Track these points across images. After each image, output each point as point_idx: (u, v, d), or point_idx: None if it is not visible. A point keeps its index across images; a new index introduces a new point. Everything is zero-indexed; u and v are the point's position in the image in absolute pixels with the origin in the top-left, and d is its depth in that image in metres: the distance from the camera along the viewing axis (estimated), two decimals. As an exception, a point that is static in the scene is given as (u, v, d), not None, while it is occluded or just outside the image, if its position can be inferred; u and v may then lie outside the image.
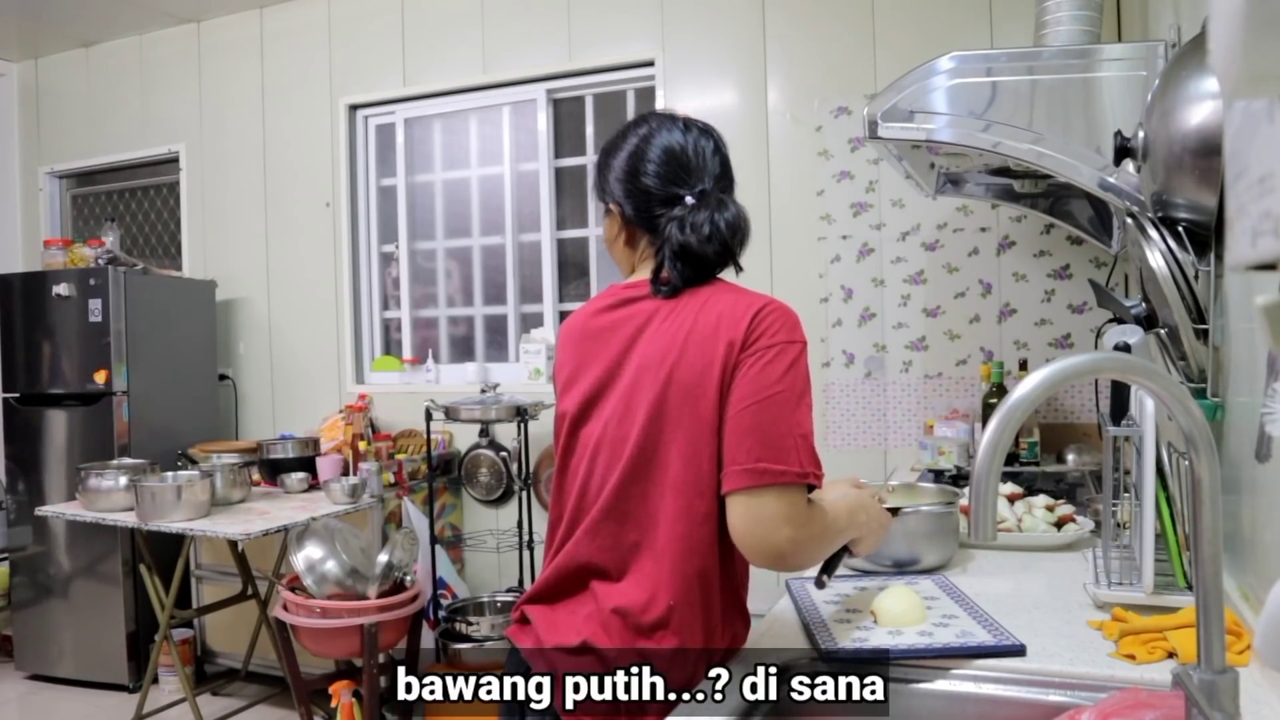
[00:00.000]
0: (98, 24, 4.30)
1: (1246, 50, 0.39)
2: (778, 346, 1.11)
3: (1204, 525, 0.78)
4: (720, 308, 1.14)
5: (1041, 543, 1.69)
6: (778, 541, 1.07)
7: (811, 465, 1.09)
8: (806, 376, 1.13)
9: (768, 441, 1.07)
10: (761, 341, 1.11)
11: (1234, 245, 0.49)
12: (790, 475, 1.07)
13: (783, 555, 1.08)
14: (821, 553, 1.18)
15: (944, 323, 3.09)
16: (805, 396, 1.12)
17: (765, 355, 1.10)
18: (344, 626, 2.77)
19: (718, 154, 1.23)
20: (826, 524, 1.14)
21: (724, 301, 1.15)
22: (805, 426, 1.10)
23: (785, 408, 1.09)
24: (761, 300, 1.15)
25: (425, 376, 3.87)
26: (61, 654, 3.77)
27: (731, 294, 1.17)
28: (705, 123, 1.26)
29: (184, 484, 2.97)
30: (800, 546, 1.09)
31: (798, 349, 1.13)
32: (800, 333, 1.14)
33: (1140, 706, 0.84)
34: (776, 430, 1.08)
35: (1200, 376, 1.40)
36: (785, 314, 1.14)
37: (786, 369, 1.10)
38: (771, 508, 1.07)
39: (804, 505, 1.09)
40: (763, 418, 1.08)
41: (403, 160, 3.98)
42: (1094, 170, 1.65)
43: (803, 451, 1.09)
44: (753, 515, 1.07)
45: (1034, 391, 0.77)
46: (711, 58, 3.35)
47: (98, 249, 3.88)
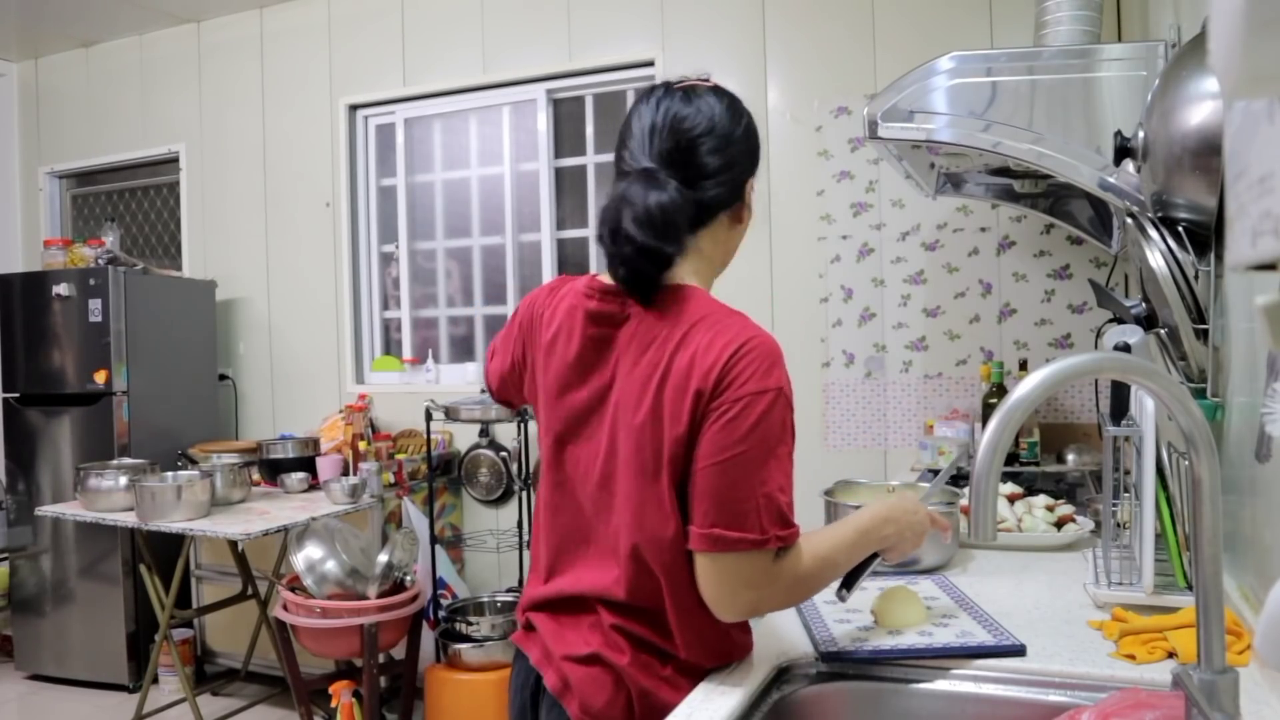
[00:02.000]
0: (98, 24, 4.30)
1: (1246, 50, 0.39)
2: (744, 400, 1.01)
3: (1204, 525, 0.78)
4: (695, 346, 1.04)
5: (1041, 543, 1.69)
6: (739, 604, 1.04)
7: (775, 527, 1.02)
8: (781, 425, 1.03)
9: (724, 505, 1.01)
10: (729, 394, 1.02)
11: (1234, 245, 0.49)
12: (745, 543, 1.01)
13: (746, 614, 1.07)
14: (802, 597, 1.11)
15: (944, 323, 3.09)
16: (778, 448, 1.03)
17: (730, 410, 1.02)
18: (344, 626, 2.77)
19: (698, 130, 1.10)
20: (800, 573, 1.07)
21: (701, 339, 1.05)
22: (772, 484, 1.02)
23: (747, 468, 1.01)
24: (740, 339, 1.04)
25: (425, 376, 3.87)
26: (61, 654, 3.77)
27: (710, 329, 1.05)
28: (722, 99, 1.14)
29: (184, 484, 2.97)
30: (765, 603, 1.07)
31: (769, 399, 1.02)
32: (776, 376, 1.03)
33: (1140, 706, 0.84)
34: (735, 494, 1.01)
35: (1200, 376, 1.40)
36: (760, 357, 1.03)
37: (754, 425, 1.01)
38: (729, 572, 1.02)
39: (766, 566, 1.03)
40: (721, 481, 1.02)
41: (403, 160, 3.98)
42: (1094, 170, 1.65)
43: (765, 513, 1.01)
44: (712, 578, 1.03)
45: (1034, 391, 0.77)
46: (711, 58, 3.35)
47: (98, 249, 3.88)
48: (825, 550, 1.11)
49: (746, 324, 1.07)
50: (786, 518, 1.03)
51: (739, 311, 1.11)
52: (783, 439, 1.04)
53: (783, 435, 1.04)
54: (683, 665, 1.10)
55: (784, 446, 1.04)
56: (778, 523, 1.02)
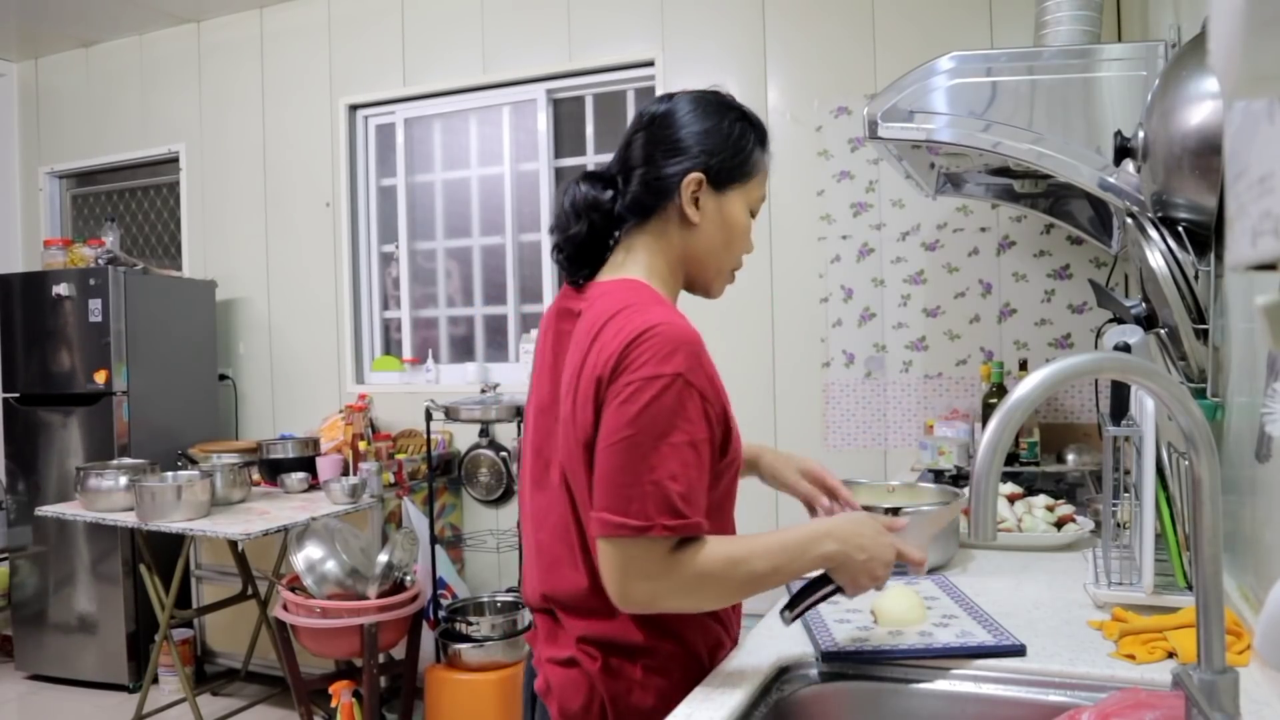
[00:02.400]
0: (98, 24, 4.30)
1: (1246, 50, 0.39)
2: (636, 383, 1.00)
3: (1204, 525, 0.78)
4: (608, 334, 1.05)
5: (1041, 543, 1.69)
6: (632, 594, 1.02)
7: (662, 515, 0.98)
8: (673, 412, 1.00)
9: (612, 490, 1.00)
10: (623, 379, 1.01)
11: (1234, 245, 0.49)
12: (628, 529, 0.98)
13: (643, 606, 1.04)
14: (712, 598, 1.07)
15: (944, 323, 3.09)
16: (672, 434, 1.00)
17: (623, 394, 1.01)
18: (344, 626, 2.77)
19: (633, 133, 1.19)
20: (702, 571, 1.02)
21: (611, 328, 1.05)
22: (662, 471, 0.99)
23: (635, 453, 0.99)
24: (644, 326, 1.03)
25: (425, 376, 3.87)
26: (61, 654, 3.77)
27: (621, 318, 1.06)
28: (683, 98, 1.19)
29: (184, 484, 2.97)
30: (662, 598, 1.02)
31: (662, 383, 1.00)
32: (675, 362, 1.01)
33: (1140, 706, 0.84)
34: (622, 479, 1.00)
35: (1200, 376, 1.40)
36: (660, 343, 1.02)
37: (643, 408, 0.99)
38: (621, 559, 1.00)
39: (660, 558, 1.00)
40: (610, 464, 1.01)
41: (403, 160, 3.98)
42: (1094, 170, 1.65)
43: (651, 500, 0.98)
44: (605, 565, 1.02)
45: (1034, 391, 0.77)
46: (711, 58, 3.35)
47: (98, 249, 3.88)
48: (740, 553, 1.05)
49: (660, 314, 1.05)
50: (676, 507, 0.99)
51: (666, 304, 1.12)
52: (678, 425, 1.01)
53: (677, 422, 1.00)
54: (654, 664, 1.10)
55: (680, 434, 1.01)
56: (665, 511, 0.99)
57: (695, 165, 1.14)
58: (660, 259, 1.18)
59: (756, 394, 3.27)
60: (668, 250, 1.18)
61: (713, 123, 1.16)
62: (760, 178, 1.21)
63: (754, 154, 1.18)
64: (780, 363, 3.28)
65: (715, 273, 1.21)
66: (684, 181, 1.14)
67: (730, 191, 1.17)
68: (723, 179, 1.16)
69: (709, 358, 1.07)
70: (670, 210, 1.16)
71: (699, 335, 1.06)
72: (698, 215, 1.15)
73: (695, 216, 1.15)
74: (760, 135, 1.21)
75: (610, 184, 1.18)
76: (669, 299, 1.18)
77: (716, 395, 1.06)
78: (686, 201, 1.15)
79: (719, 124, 1.16)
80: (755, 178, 1.20)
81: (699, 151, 1.15)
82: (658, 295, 1.14)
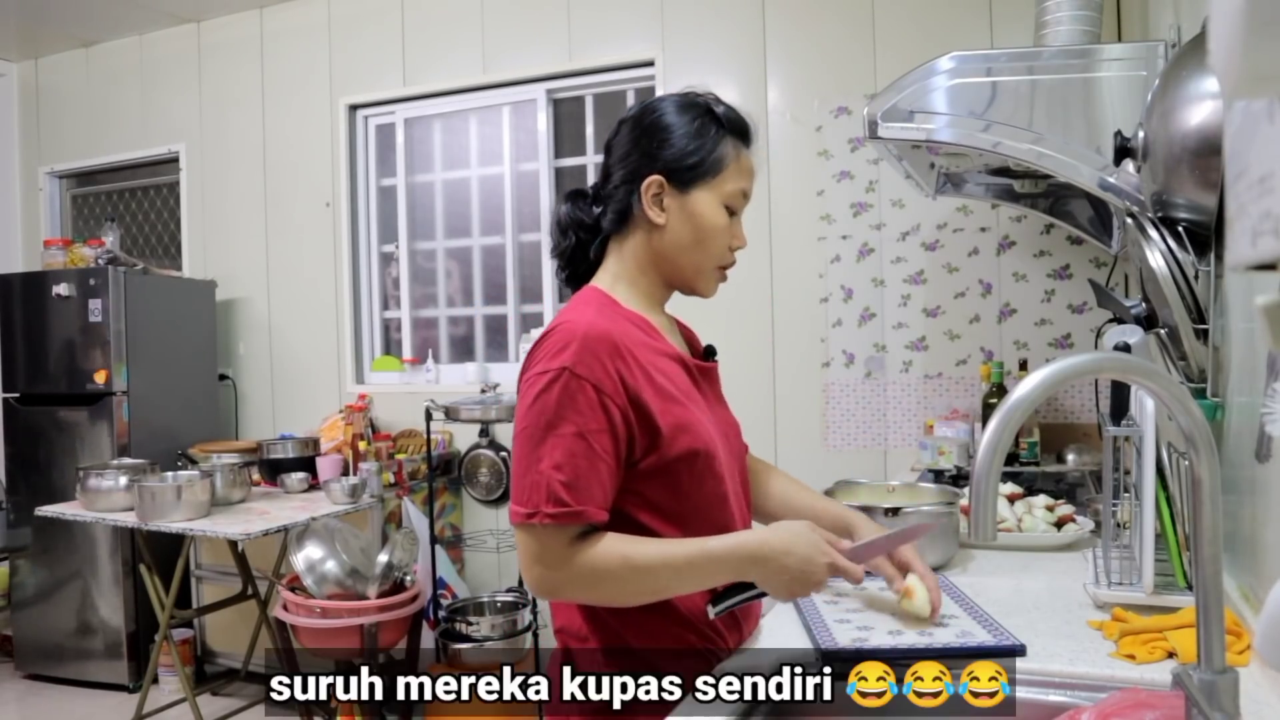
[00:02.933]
0: (98, 24, 4.30)
1: (1246, 50, 0.39)
2: (530, 379, 1.08)
3: (1204, 525, 0.78)
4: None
5: (1041, 543, 1.69)
6: (532, 579, 1.07)
7: (545, 504, 1.03)
8: (560, 403, 1.04)
9: (515, 481, 1.07)
10: (524, 375, 1.10)
11: (1234, 245, 0.49)
12: (519, 516, 1.05)
13: (545, 592, 1.09)
14: (608, 594, 1.09)
15: (944, 323, 3.09)
16: (559, 425, 1.04)
17: (522, 390, 1.09)
18: (344, 626, 2.77)
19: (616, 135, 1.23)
20: (598, 567, 1.04)
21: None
22: (547, 461, 1.04)
23: (527, 445, 1.06)
24: (551, 326, 1.11)
25: (425, 376, 3.87)
26: (61, 654, 3.77)
27: (551, 322, 1.14)
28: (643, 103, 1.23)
29: (184, 484, 2.98)
30: (562, 587, 1.08)
31: (548, 377, 1.05)
32: (564, 357, 1.05)
33: (1140, 706, 0.84)
34: (519, 469, 1.06)
35: (1200, 376, 1.40)
36: (550, 343, 1.08)
37: (532, 402, 1.06)
38: (523, 545, 1.07)
39: (556, 548, 1.05)
40: (515, 457, 1.08)
41: (403, 160, 3.98)
42: (1094, 170, 1.65)
43: (537, 489, 1.03)
44: (519, 551, 1.09)
45: (1034, 391, 0.77)
46: (711, 58, 3.35)
47: (98, 249, 3.88)
48: (639, 557, 1.06)
49: (570, 315, 1.11)
50: (559, 497, 1.03)
51: (589, 303, 1.15)
52: (565, 417, 1.04)
53: (564, 413, 1.04)
54: (611, 650, 1.12)
55: (568, 425, 1.04)
56: (548, 500, 1.03)
57: (656, 167, 1.16)
58: (630, 264, 1.21)
59: (756, 394, 3.27)
60: (638, 254, 1.20)
61: (673, 122, 1.17)
62: (732, 172, 1.18)
63: (717, 149, 1.17)
64: (780, 363, 3.28)
65: (694, 272, 1.21)
66: (643, 185, 1.16)
67: (696, 190, 1.17)
68: (685, 179, 1.16)
69: (621, 349, 1.08)
70: (640, 215, 1.18)
71: (603, 329, 1.09)
72: (661, 216, 1.17)
73: (659, 218, 1.17)
74: (734, 129, 1.20)
75: (596, 199, 1.23)
76: (643, 303, 1.21)
77: (617, 389, 1.07)
78: (648, 205, 1.17)
79: (678, 123, 1.17)
80: (724, 173, 1.18)
81: (658, 153, 1.16)
82: (597, 298, 1.17)
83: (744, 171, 1.20)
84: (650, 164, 1.17)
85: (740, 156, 1.20)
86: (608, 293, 1.19)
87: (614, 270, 1.21)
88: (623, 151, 1.20)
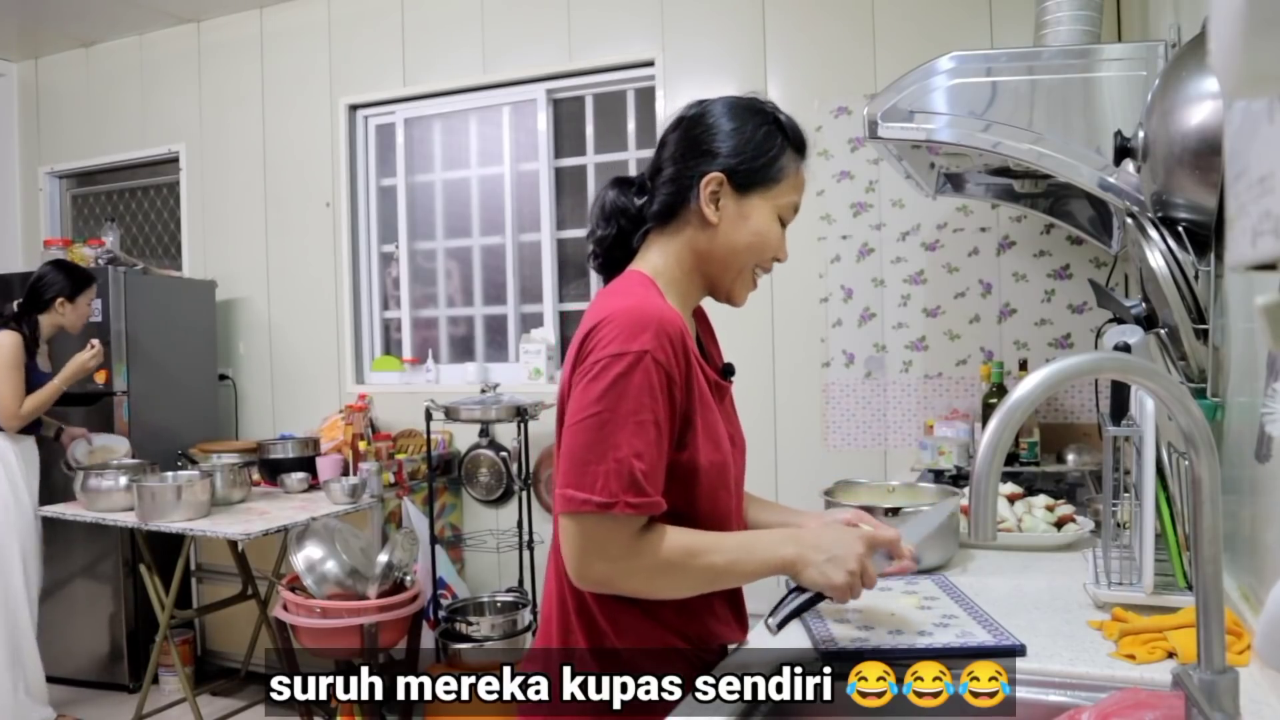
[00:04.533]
0: (98, 24, 4.30)
1: (1246, 50, 0.39)
2: (603, 361, 1.02)
3: (1204, 525, 0.78)
4: (584, 325, 1.09)
5: (1041, 543, 1.69)
6: (591, 573, 1.04)
7: (626, 493, 0.99)
8: (640, 388, 1.01)
9: (577, 466, 1.01)
10: (590, 358, 1.04)
11: (1234, 245, 0.49)
12: (591, 505, 1.00)
13: (599, 585, 1.06)
14: (666, 586, 1.08)
15: (944, 323, 3.09)
16: (640, 413, 1.01)
17: (590, 372, 1.03)
18: (344, 626, 2.77)
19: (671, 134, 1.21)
20: (661, 559, 1.04)
21: (589, 317, 1.09)
22: (626, 449, 1.00)
23: (601, 430, 1.00)
24: (609, 309, 1.06)
25: (425, 376, 3.87)
26: (61, 654, 3.77)
27: (601, 301, 1.11)
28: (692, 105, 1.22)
29: (184, 484, 2.97)
30: (620, 580, 1.05)
31: (628, 361, 1.01)
32: (641, 340, 1.02)
33: (1140, 706, 0.84)
34: (587, 455, 1.01)
35: (1200, 376, 1.40)
36: (624, 324, 1.03)
37: (609, 386, 1.01)
38: (583, 537, 1.02)
39: (625, 540, 1.02)
40: (577, 441, 1.02)
41: (403, 160, 3.97)
42: (1094, 170, 1.65)
43: (615, 477, 0.99)
44: (567, 541, 1.04)
45: (1034, 391, 0.77)
46: (711, 58, 3.35)
47: (98, 249, 3.88)
48: (700, 546, 1.06)
49: (636, 299, 1.07)
50: (641, 485, 1.00)
51: (651, 291, 1.12)
52: (644, 403, 1.01)
53: (644, 399, 1.01)
54: (598, 652, 1.10)
55: (647, 412, 1.01)
56: (630, 489, 1.00)
57: (716, 165, 1.15)
58: (672, 260, 1.18)
59: (756, 394, 3.27)
60: (682, 251, 1.18)
61: (738, 124, 1.17)
62: (789, 184, 1.19)
63: (780, 159, 1.17)
64: (780, 363, 3.28)
65: (736, 275, 1.20)
66: (703, 181, 1.15)
67: (753, 195, 1.16)
68: (745, 181, 1.16)
69: (686, 344, 1.07)
70: (690, 212, 1.17)
71: (679, 319, 1.07)
72: (716, 215, 1.15)
73: (713, 216, 1.15)
74: (794, 142, 1.20)
75: (641, 189, 1.21)
76: (678, 301, 1.18)
77: (683, 381, 1.06)
78: (705, 200, 1.15)
79: (744, 126, 1.17)
80: (782, 183, 1.18)
81: (721, 152, 1.15)
82: (649, 285, 1.14)
83: (799, 185, 1.21)
84: (711, 161, 1.15)
85: (798, 170, 1.20)
86: (654, 281, 1.16)
87: (655, 264, 1.18)
88: (682, 146, 1.17)
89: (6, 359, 3.11)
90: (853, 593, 1.09)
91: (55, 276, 3.26)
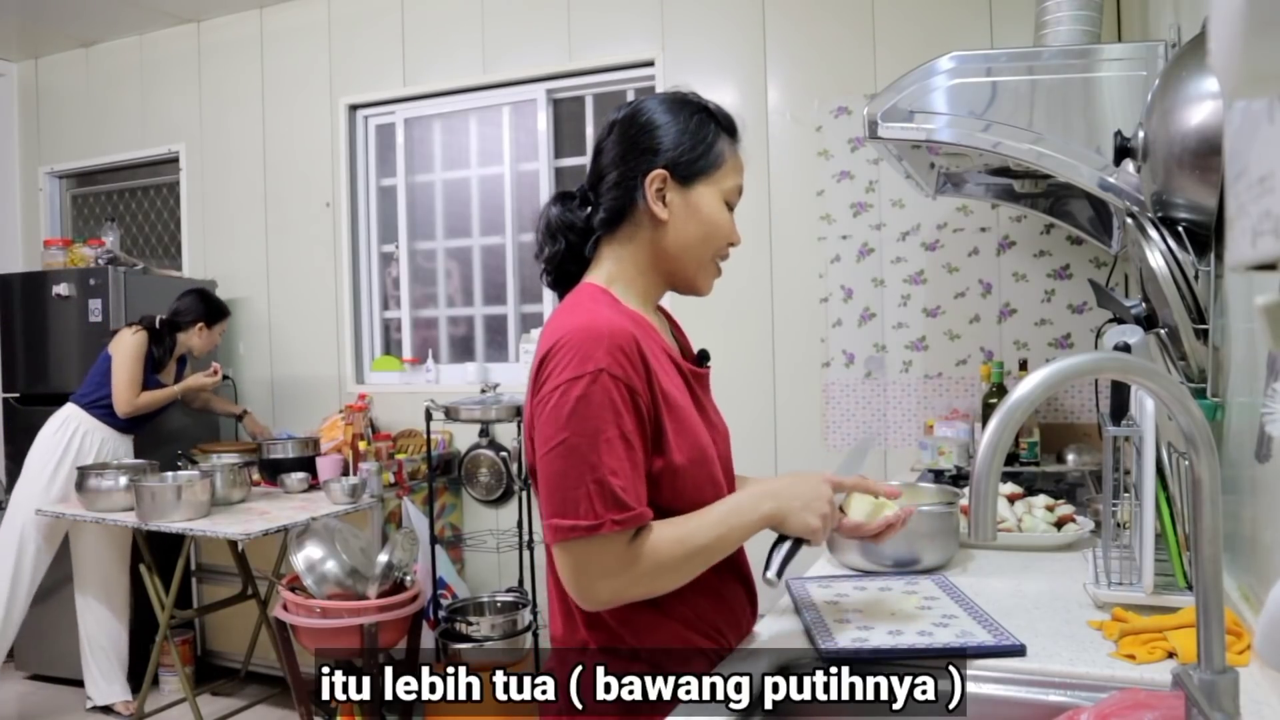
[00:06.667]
0: (98, 24, 4.30)
1: (1246, 50, 0.39)
2: (561, 387, 1.03)
3: (1204, 525, 0.78)
4: (541, 341, 1.11)
5: (1041, 543, 1.69)
6: (596, 594, 1.05)
7: (610, 511, 1.01)
8: (602, 406, 1.02)
9: (557, 494, 1.03)
10: (547, 386, 1.05)
11: (1234, 245, 0.49)
12: (579, 530, 1.01)
13: (608, 603, 1.07)
14: (670, 581, 1.09)
15: (944, 323, 3.09)
16: (604, 431, 1.02)
17: (550, 400, 1.04)
18: (344, 626, 2.77)
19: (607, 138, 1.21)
20: (661, 559, 1.06)
21: (546, 332, 1.11)
22: (603, 468, 1.01)
23: (573, 455, 1.02)
24: (560, 331, 1.07)
25: (425, 376, 3.87)
26: (61, 654, 3.77)
27: (553, 321, 1.11)
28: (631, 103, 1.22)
29: (184, 484, 2.97)
30: (628, 590, 1.06)
31: (585, 383, 1.02)
32: (595, 359, 1.03)
33: (1140, 706, 0.84)
34: (565, 482, 1.02)
35: (1200, 376, 1.40)
36: (575, 346, 1.04)
37: (572, 410, 1.02)
38: (580, 562, 1.03)
39: (619, 553, 1.04)
40: (551, 470, 1.03)
41: (403, 160, 3.97)
42: (1094, 170, 1.65)
43: (598, 499, 1.01)
44: (565, 570, 1.05)
45: (1034, 391, 0.77)
46: (711, 57, 3.35)
47: (98, 249, 3.88)
48: (684, 531, 1.08)
49: (583, 317, 1.08)
50: (622, 501, 1.02)
51: (601, 303, 1.13)
52: (609, 420, 1.03)
53: (608, 416, 1.03)
54: (613, 652, 1.11)
55: (613, 429, 1.03)
56: (613, 507, 1.01)
57: (659, 161, 1.16)
58: (627, 264, 1.20)
59: (756, 394, 3.27)
60: (637, 254, 1.19)
61: (672, 117, 1.18)
62: (729, 167, 1.20)
63: (717, 144, 1.19)
64: (780, 363, 3.28)
65: (696, 268, 1.21)
66: (647, 180, 1.16)
67: (698, 185, 1.18)
68: (688, 173, 1.17)
69: (641, 349, 1.07)
70: (639, 214, 1.18)
71: (627, 328, 1.07)
72: (665, 212, 1.17)
73: (663, 213, 1.16)
74: (725, 125, 1.21)
75: (584, 200, 1.22)
76: (639, 301, 1.20)
77: (645, 389, 1.07)
78: (652, 199, 1.16)
79: (678, 118, 1.18)
80: (723, 168, 1.19)
81: (661, 147, 1.17)
82: (599, 296, 1.15)
83: (739, 168, 1.23)
84: (652, 159, 1.16)
85: (735, 153, 1.22)
86: (607, 289, 1.18)
87: (609, 270, 1.19)
88: (619, 150, 1.18)
89: (130, 351, 3.36)
90: (825, 532, 1.15)
91: (194, 304, 3.54)
